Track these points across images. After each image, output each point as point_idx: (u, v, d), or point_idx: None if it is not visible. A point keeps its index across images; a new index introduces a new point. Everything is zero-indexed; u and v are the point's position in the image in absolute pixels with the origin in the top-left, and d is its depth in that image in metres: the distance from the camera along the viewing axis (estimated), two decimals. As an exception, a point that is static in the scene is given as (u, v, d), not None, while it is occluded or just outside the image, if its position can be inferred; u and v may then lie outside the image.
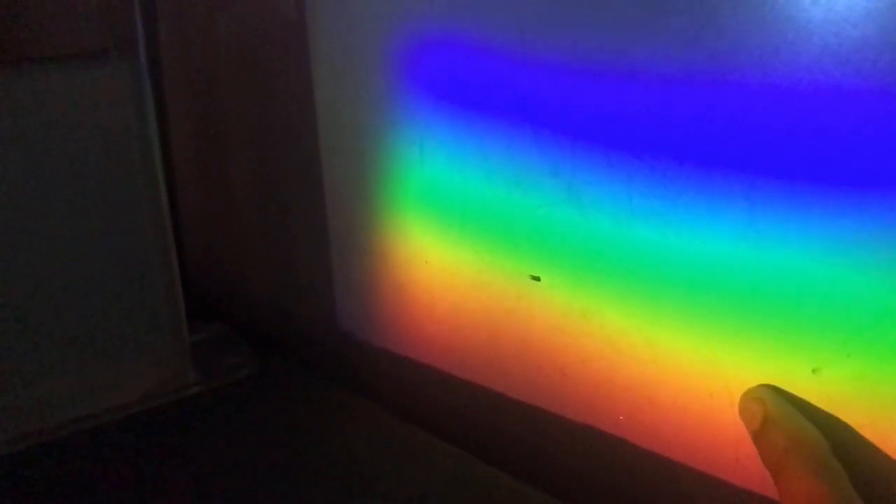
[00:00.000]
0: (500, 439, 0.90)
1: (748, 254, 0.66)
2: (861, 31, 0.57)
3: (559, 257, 0.80)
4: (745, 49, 0.63)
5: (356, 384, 1.02)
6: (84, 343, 0.92)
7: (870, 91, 0.57)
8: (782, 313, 0.66)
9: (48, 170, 0.87)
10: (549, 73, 0.76)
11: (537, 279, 0.82)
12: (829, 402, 0.65)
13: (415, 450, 0.88)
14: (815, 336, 0.64)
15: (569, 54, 0.74)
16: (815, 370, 0.64)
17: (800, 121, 0.61)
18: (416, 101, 0.89)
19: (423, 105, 0.89)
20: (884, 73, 0.56)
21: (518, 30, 0.77)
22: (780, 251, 0.65)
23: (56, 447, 0.90)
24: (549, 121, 0.77)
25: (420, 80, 0.88)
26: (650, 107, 0.69)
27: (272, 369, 1.05)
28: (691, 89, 0.66)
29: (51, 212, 0.88)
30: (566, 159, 0.76)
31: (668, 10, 0.66)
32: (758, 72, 0.62)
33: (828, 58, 0.59)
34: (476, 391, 0.91)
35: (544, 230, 0.81)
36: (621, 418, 0.80)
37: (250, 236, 1.20)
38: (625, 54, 0.70)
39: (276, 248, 1.15)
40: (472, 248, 0.88)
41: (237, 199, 1.20)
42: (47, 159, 0.86)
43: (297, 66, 1.00)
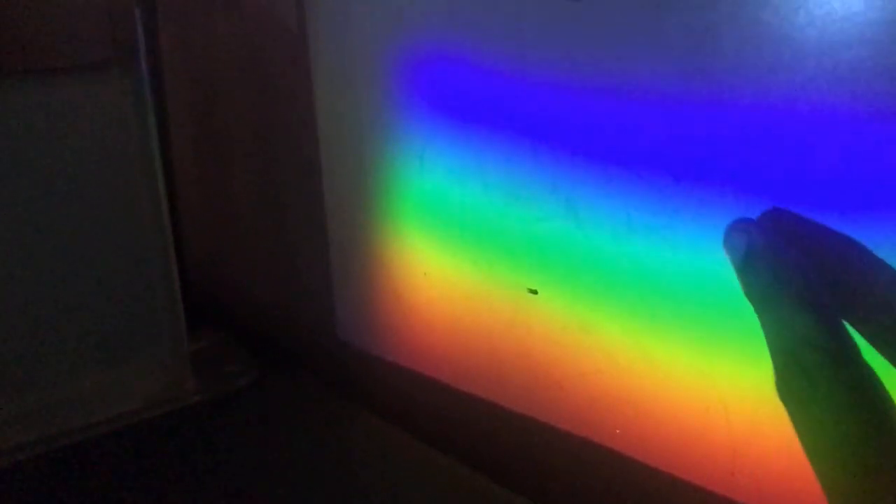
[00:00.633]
0: (497, 451, 0.91)
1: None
2: (855, 52, 0.57)
3: (557, 271, 0.81)
4: (742, 68, 0.63)
5: (355, 393, 1.03)
6: (83, 352, 0.93)
7: (865, 113, 0.58)
8: (778, 330, 0.66)
9: (49, 180, 0.87)
10: (548, 88, 0.76)
11: (535, 293, 0.83)
12: (825, 418, 0.66)
13: (412, 461, 0.89)
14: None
15: (567, 71, 0.74)
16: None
17: (795, 140, 0.61)
18: (417, 113, 0.90)
19: (424, 117, 0.89)
20: (878, 95, 0.57)
21: (517, 45, 0.78)
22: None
23: (55, 456, 0.90)
24: (548, 136, 0.77)
25: (420, 92, 0.89)
26: (648, 124, 0.69)
27: (271, 378, 1.06)
28: (689, 107, 0.66)
29: (51, 221, 0.88)
30: (565, 174, 0.77)
31: (666, 30, 0.66)
32: (754, 91, 0.63)
33: (823, 79, 0.59)
34: (474, 402, 0.91)
35: (543, 244, 0.81)
36: (618, 431, 0.80)
37: (250, 245, 1.20)
38: (623, 72, 0.70)
39: (276, 256, 1.16)
40: (471, 260, 0.88)
41: (238, 208, 1.20)
42: (48, 170, 0.87)
43: (297, 77, 1.00)
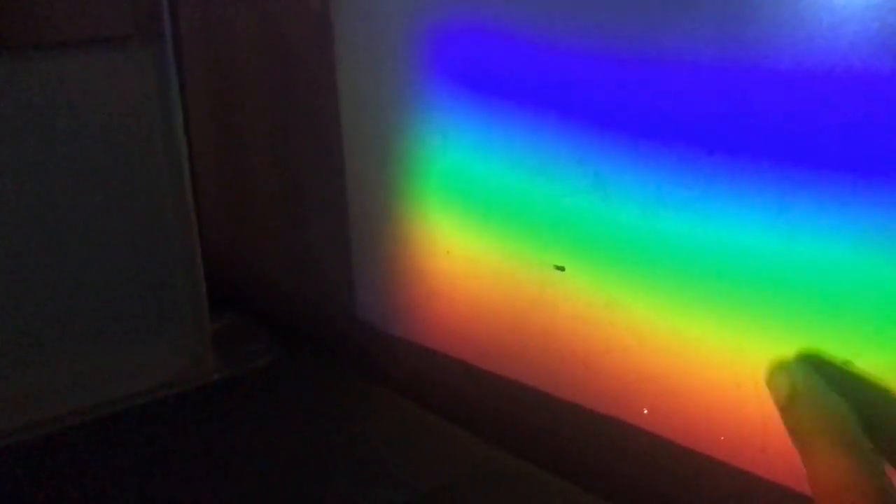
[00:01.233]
0: (521, 429, 0.90)
1: (778, 244, 0.65)
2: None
3: (584, 247, 0.80)
4: (779, 35, 0.62)
5: (375, 373, 1.02)
6: (106, 330, 0.93)
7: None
8: (812, 304, 0.65)
9: (70, 155, 0.87)
10: (577, 60, 0.75)
11: (562, 269, 0.82)
12: (859, 394, 0.64)
13: (436, 439, 0.88)
14: (846, 327, 0.63)
15: (597, 42, 0.73)
16: (845, 362, 0.63)
17: (834, 109, 0.60)
18: (440, 90, 0.89)
19: (447, 93, 0.88)
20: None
21: (546, 17, 0.77)
22: (810, 242, 0.64)
23: (78, 432, 0.90)
24: (576, 108, 0.76)
25: (444, 68, 0.88)
26: (680, 94, 0.68)
27: (292, 358, 1.05)
28: (723, 76, 0.65)
29: (73, 198, 0.88)
30: (593, 148, 0.76)
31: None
32: (791, 58, 0.61)
33: (864, 43, 0.58)
34: (498, 381, 0.91)
35: (569, 220, 0.80)
36: (645, 411, 0.79)
37: (270, 226, 1.20)
38: (655, 41, 0.69)
39: (297, 237, 1.15)
40: (496, 237, 0.87)
41: (258, 188, 1.19)
42: (69, 145, 0.87)
43: (319, 55, 1.00)
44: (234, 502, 0.80)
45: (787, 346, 0.67)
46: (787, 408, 0.35)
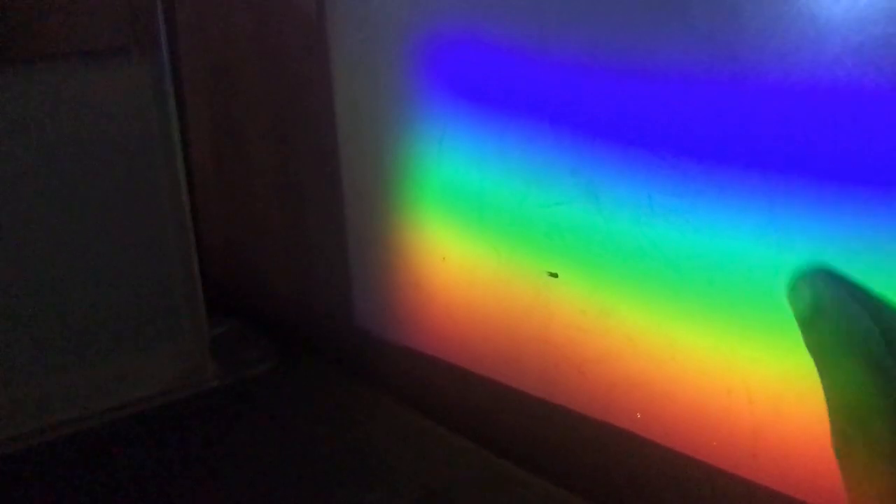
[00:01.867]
0: (518, 436, 0.91)
1: (768, 253, 0.66)
2: (883, 28, 0.57)
3: (577, 255, 0.80)
4: (766, 47, 0.62)
5: (374, 380, 1.03)
6: (104, 337, 0.93)
7: (893, 90, 0.57)
8: (802, 311, 0.65)
9: (69, 165, 0.88)
10: (569, 70, 0.76)
11: (555, 276, 0.83)
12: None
13: (433, 445, 0.89)
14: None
15: (588, 52, 0.74)
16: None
17: (821, 119, 0.61)
18: (436, 98, 0.89)
19: (443, 101, 0.89)
20: (906, 70, 0.56)
21: (537, 27, 0.77)
22: (800, 251, 0.64)
23: (77, 440, 0.91)
24: (568, 118, 0.77)
25: (439, 76, 0.88)
26: (670, 105, 0.69)
27: (291, 364, 1.06)
28: (711, 87, 0.66)
29: (72, 206, 0.89)
30: (585, 157, 0.76)
31: (688, 8, 0.66)
32: (779, 70, 0.62)
33: (849, 56, 0.59)
34: (494, 388, 0.91)
35: (563, 227, 0.81)
36: (638, 415, 0.80)
37: (269, 231, 1.20)
38: (644, 52, 0.70)
39: (295, 243, 1.16)
40: (491, 245, 0.88)
41: (256, 194, 1.20)
42: (68, 155, 0.87)
43: (316, 62, 1.00)
44: (233, 509, 0.81)
45: (776, 354, 0.68)
46: (810, 321, 0.33)
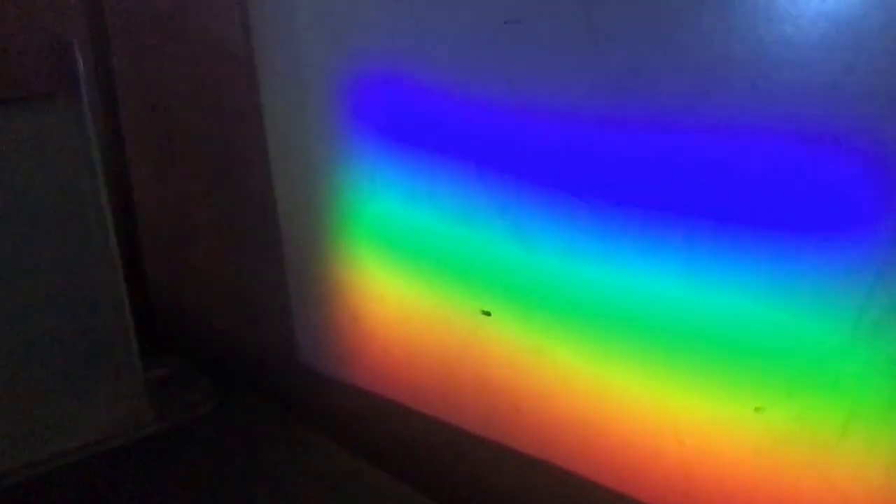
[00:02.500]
0: (455, 475, 0.90)
1: (689, 293, 0.66)
2: (787, 74, 0.57)
3: (509, 294, 0.80)
4: (678, 91, 0.62)
5: (315, 417, 1.02)
6: (35, 385, 0.91)
7: (798, 135, 0.57)
8: (725, 353, 0.65)
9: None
10: (492, 112, 0.75)
11: (488, 314, 0.82)
12: (774, 441, 0.65)
13: (369, 490, 0.88)
14: (758, 376, 0.64)
15: (507, 93, 0.73)
16: (757, 409, 0.64)
17: (733, 163, 0.61)
18: (365, 136, 0.89)
19: (373, 140, 0.88)
20: (811, 117, 0.56)
21: (458, 69, 0.77)
22: (720, 291, 0.64)
23: (12, 490, 0.89)
24: (493, 159, 0.77)
25: (368, 116, 0.88)
26: (589, 147, 0.69)
27: (232, 405, 1.05)
28: (626, 130, 0.66)
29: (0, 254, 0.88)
30: (511, 198, 0.76)
31: (600, 52, 0.66)
32: (690, 113, 0.62)
33: (757, 100, 0.59)
34: (433, 424, 0.91)
35: (494, 267, 0.80)
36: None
37: (211, 271, 1.20)
38: (564, 96, 0.69)
39: (236, 282, 1.15)
40: (426, 282, 0.88)
41: (198, 234, 1.19)
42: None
43: (247, 102, 1.00)
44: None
45: (702, 394, 0.69)
46: None
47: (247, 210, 1.08)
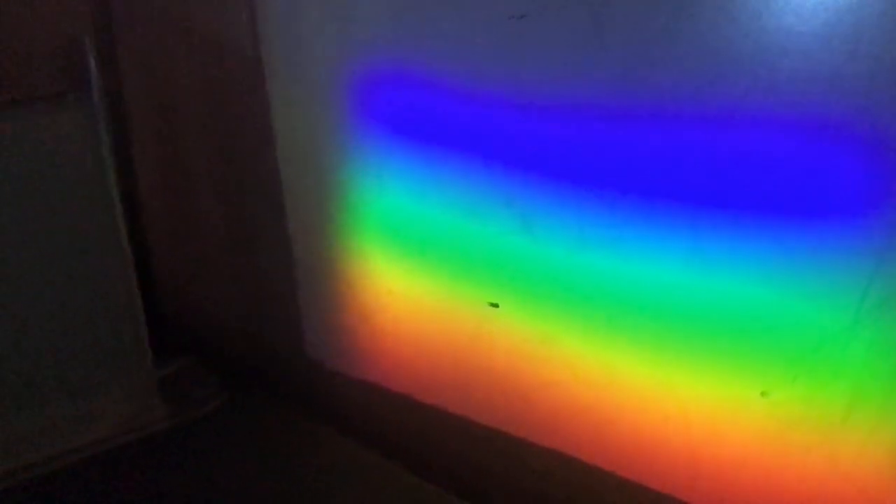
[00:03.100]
0: (464, 464, 0.91)
1: (695, 279, 0.67)
2: (790, 62, 0.58)
3: (516, 285, 0.81)
4: (682, 82, 0.63)
5: (324, 412, 1.03)
6: (48, 382, 0.93)
7: (800, 123, 0.58)
8: (731, 337, 0.67)
9: (7, 210, 0.87)
10: (498, 106, 0.76)
11: (496, 306, 0.83)
12: (779, 424, 0.66)
13: (380, 482, 0.89)
14: (763, 360, 0.65)
15: (514, 87, 0.75)
16: (763, 393, 0.65)
17: (737, 150, 0.62)
18: (373, 133, 0.90)
19: (380, 136, 0.89)
20: (812, 103, 0.57)
21: (466, 65, 0.78)
22: (725, 276, 0.65)
23: (20, 489, 0.90)
24: (501, 152, 0.78)
25: (375, 111, 0.89)
26: (594, 139, 0.70)
27: (241, 400, 1.05)
28: (633, 121, 0.67)
29: (10, 252, 0.88)
30: (518, 189, 0.77)
31: (607, 45, 0.67)
32: (694, 104, 0.63)
33: (759, 89, 0.60)
34: (442, 416, 0.91)
35: (501, 259, 0.81)
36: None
37: (219, 269, 1.20)
38: (568, 89, 0.71)
39: (244, 279, 1.16)
40: (434, 276, 0.89)
41: (206, 232, 1.20)
42: (5, 200, 0.87)
43: (255, 101, 1.01)
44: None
45: (709, 380, 0.69)
46: None
47: (255, 207, 1.09)
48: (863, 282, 0.59)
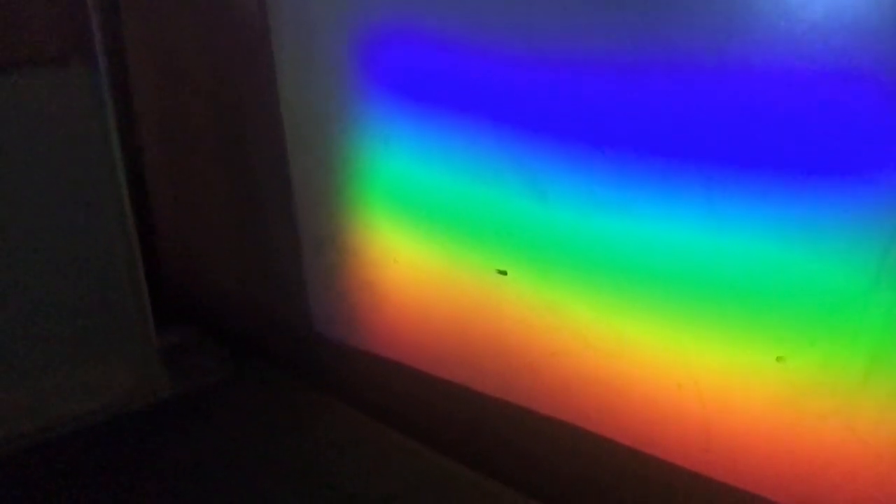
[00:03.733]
0: (472, 435, 0.89)
1: (709, 241, 0.65)
2: (810, 12, 0.56)
3: (524, 251, 0.80)
4: (699, 35, 0.61)
5: (330, 383, 1.02)
6: (50, 350, 0.92)
7: (822, 74, 0.56)
8: (745, 301, 0.65)
9: (9, 174, 0.86)
10: (507, 65, 0.75)
11: (504, 273, 0.82)
12: (795, 390, 0.64)
13: (386, 451, 0.88)
14: (779, 324, 0.63)
15: (525, 46, 0.73)
16: (779, 358, 0.64)
17: (755, 105, 0.60)
18: (380, 97, 0.88)
19: (387, 101, 0.88)
20: (834, 52, 0.55)
21: (475, 23, 0.77)
22: (740, 238, 0.64)
23: (27, 454, 0.89)
24: (509, 113, 0.76)
25: (383, 76, 0.88)
26: (606, 96, 0.68)
27: (246, 371, 1.05)
28: (647, 77, 0.65)
29: (12, 217, 0.87)
30: (528, 152, 0.76)
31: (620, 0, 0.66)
32: (712, 57, 0.61)
33: (779, 41, 0.58)
34: (448, 387, 0.90)
35: (509, 224, 0.80)
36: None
37: (224, 239, 1.19)
38: (580, 44, 0.69)
39: (250, 249, 1.15)
40: (440, 243, 0.87)
41: (209, 202, 1.19)
42: (8, 164, 0.86)
43: (261, 66, 0.99)
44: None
45: (722, 346, 0.68)
46: None
47: (260, 174, 1.08)
48: (883, 240, 0.57)
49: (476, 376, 0.88)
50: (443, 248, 0.87)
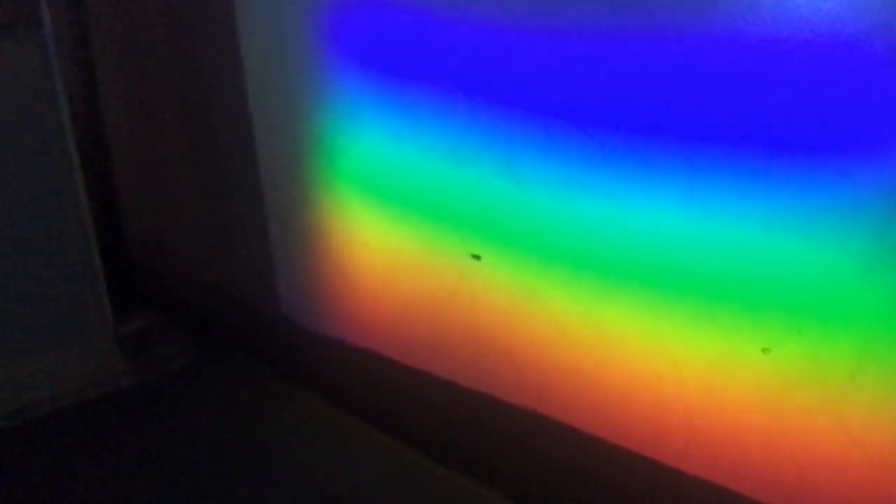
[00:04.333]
0: (444, 429, 0.87)
1: (692, 226, 0.62)
2: (803, -22, 0.53)
3: (500, 235, 0.76)
4: (682, 9, 0.58)
5: (297, 371, 0.99)
6: (6, 339, 0.88)
7: (812, 43, 0.53)
8: (730, 288, 0.62)
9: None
10: (479, 33, 0.71)
11: (478, 258, 0.78)
12: (782, 383, 0.61)
13: (354, 441, 0.86)
14: (765, 313, 0.60)
15: (499, 11, 0.69)
16: (765, 349, 0.61)
17: (740, 77, 0.57)
18: (349, 71, 0.85)
19: (356, 75, 0.84)
20: (830, 21, 0.52)
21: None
22: (723, 222, 0.60)
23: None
24: (482, 86, 0.73)
25: (351, 48, 0.84)
26: (584, 67, 0.64)
27: (208, 358, 1.02)
28: (627, 46, 0.61)
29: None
30: (502, 131, 0.72)
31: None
32: (696, 24, 0.58)
33: (767, 6, 0.54)
34: (420, 378, 0.87)
35: (483, 206, 0.76)
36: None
37: (188, 219, 1.16)
38: (556, 9, 0.65)
39: (215, 229, 1.12)
40: (412, 227, 0.84)
41: (175, 184, 1.16)
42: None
43: (224, 35, 0.96)
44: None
45: (706, 336, 0.65)
46: None
47: (226, 154, 1.04)
48: (877, 225, 0.54)
49: (449, 365, 0.85)
50: (415, 230, 0.83)
